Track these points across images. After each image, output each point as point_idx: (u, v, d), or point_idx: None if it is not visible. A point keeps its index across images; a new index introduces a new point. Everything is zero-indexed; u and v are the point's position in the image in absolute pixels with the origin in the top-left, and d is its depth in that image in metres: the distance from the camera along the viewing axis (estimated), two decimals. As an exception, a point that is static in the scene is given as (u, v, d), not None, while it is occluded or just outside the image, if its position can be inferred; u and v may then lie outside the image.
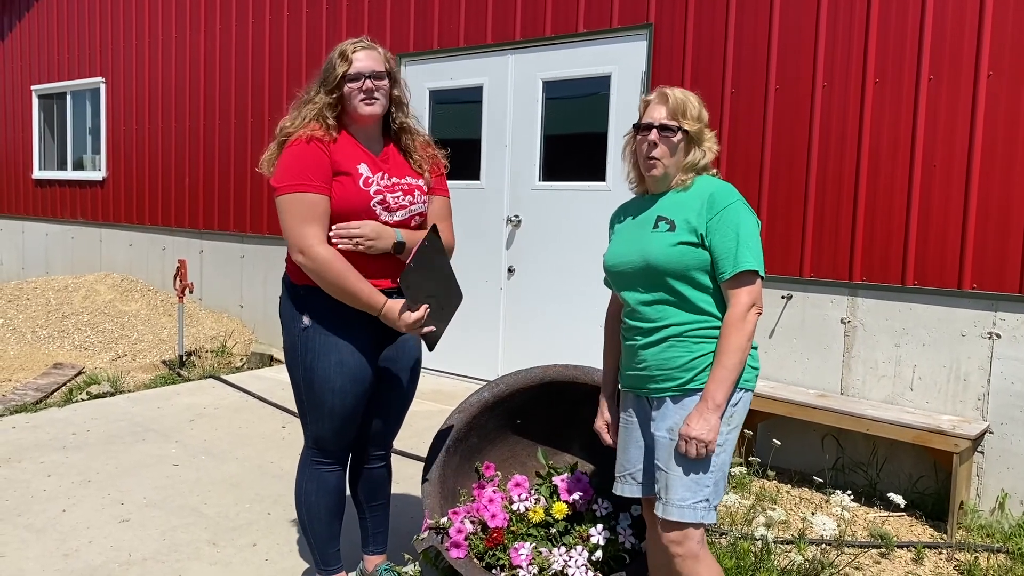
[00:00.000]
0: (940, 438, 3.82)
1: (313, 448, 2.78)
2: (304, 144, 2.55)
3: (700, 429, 2.22)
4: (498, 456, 3.30)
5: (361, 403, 2.75)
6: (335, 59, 2.61)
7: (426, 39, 6.16)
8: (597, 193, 5.36)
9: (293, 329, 2.67)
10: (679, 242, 2.29)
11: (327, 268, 2.49)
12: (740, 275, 2.25)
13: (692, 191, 2.36)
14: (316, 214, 2.50)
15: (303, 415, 2.76)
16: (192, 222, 8.09)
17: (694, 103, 2.36)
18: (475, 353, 6.07)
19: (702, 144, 2.37)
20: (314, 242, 2.49)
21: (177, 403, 5.53)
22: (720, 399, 2.22)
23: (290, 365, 2.72)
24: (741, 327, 2.24)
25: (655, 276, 2.33)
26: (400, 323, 2.57)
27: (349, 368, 2.66)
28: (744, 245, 2.25)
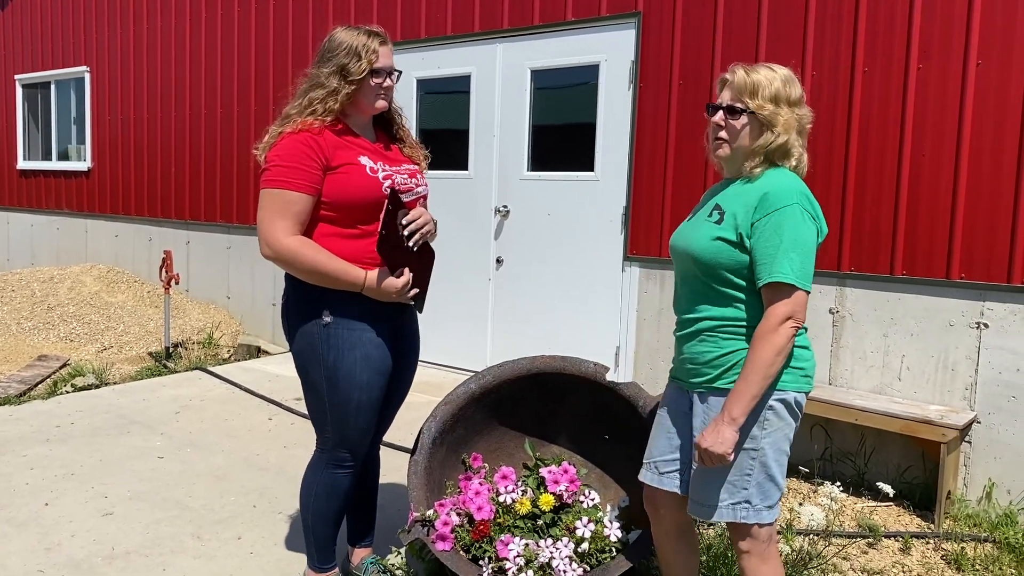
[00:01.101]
0: (928, 428, 3.81)
1: (334, 451, 2.70)
2: (298, 138, 2.51)
3: (710, 441, 2.14)
4: (485, 447, 3.28)
5: (383, 395, 2.71)
6: (359, 49, 2.55)
7: (413, 27, 6.11)
8: (586, 183, 5.33)
9: (310, 328, 2.59)
10: (716, 237, 2.19)
11: (296, 256, 2.46)
12: (778, 286, 2.10)
13: (756, 184, 2.20)
14: (291, 211, 2.47)
15: (321, 417, 2.67)
16: (178, 213, 8.02)
17: (769, 81, 2.17)
18: (463, 344, 6.04)
19: (775, 126, 2.16)
20: (281, 235, 2.46)
21: (163, 395, 5.48)
22: (736, 413, 2.12)
23: (307, 367, 2.64)
24: (770, 339, 2.09)
25: (695, 266, 2.25)
26: (386, 291, 2.54)
27: (374, 361, 2.62)
28: (784, 254, 2.09)
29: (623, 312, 5.19)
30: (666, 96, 4.92)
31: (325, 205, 2.53)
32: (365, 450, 2.76)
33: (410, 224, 2.56)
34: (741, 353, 2.21)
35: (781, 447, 2.24)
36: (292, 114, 2.59)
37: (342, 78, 2.57)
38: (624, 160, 5.13)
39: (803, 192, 2.16)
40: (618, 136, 5.15)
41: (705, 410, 2.27)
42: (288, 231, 2.47)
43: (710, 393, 2.26)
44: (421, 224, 2.58)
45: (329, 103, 2.57)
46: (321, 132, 2.53)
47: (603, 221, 5.26)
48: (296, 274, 2.53)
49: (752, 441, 2.21)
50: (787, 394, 2.21)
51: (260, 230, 2.49)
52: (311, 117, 2.56)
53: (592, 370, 3.13)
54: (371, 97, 2.61)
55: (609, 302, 5.27)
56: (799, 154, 2.24)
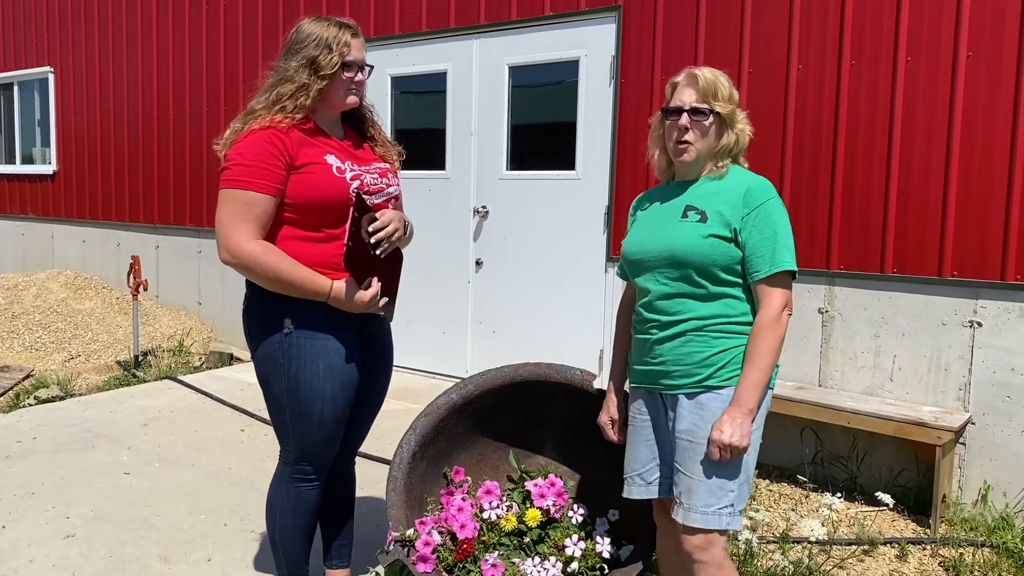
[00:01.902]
0: (922, 430, 3.71)
1: (296, 464, 2.57)
2: (261, 135, 2.35)
3: (733, 434, 2.10)
4: (468, 460, 3.13)
5: (350, 408, 2.57)
6: (329, 41, 2.39)
7: (387, 23, 5.94)
8: (567, 182, 5.19)
9: (270, 337, 2.44)
10: (710, 235, 2.16)
11: (257, 262, 2.30)
12: (776, 275, 2.14)
13: (726, 182, 2.23)
14: (253, 214, 2.31)
15: (282, 429, 2.54)
16: (147, 216, 7.79)
17: (724, 83, 2.23)
18: (443, 349, 5.88)
19: (734, 126, 2.23)
20: (241, 239, 2.30)
21: (131, 406, 5.28)
22: (753, 403, 2.12)
23: (268, 377, 2.49)
24: (775, 328, 2.13)
25: (679, 267, 2.20)
26: (355, 304, 2.39)
27: (339, 372, 2.47)
28: (783, 244, 2.14)
29: (606, 314, 5.05)
30: (648, 92, 4.79)
31: (288, 207, 2.37)
32: (329, 463, 2.62)
33: (377, 232, 2.40)
34: (735, 351, 2.19)
35: (757, 446, 2.23)
36: (258, 109, 2.42)
37: (312, 72, 2.41)
38: (606, 158, 5.00)
39: (772, 185, 2.25)
40: (599, 134, 5.02)
41: (694, 409, 2.21)
42: (249, 235, 2.31)
43: (701, 392, 2.20)
44: (390, 231, 2.43)
45: (300, 99, 2.41)
46: (286, 129, 2.37)
47: (585, 221, 5.12)
48: (257, 281, 2.37)
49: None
50: (769, 391, 2.24)
51: (219, 233, 2.33)
52: (280, 114, 2.40)
53: (579, 377, 2.99)
54: (341, 92, 2.46)
55: (592, 304, 5.13)
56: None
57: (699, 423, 2.17)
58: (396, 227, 2.45)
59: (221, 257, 2.34)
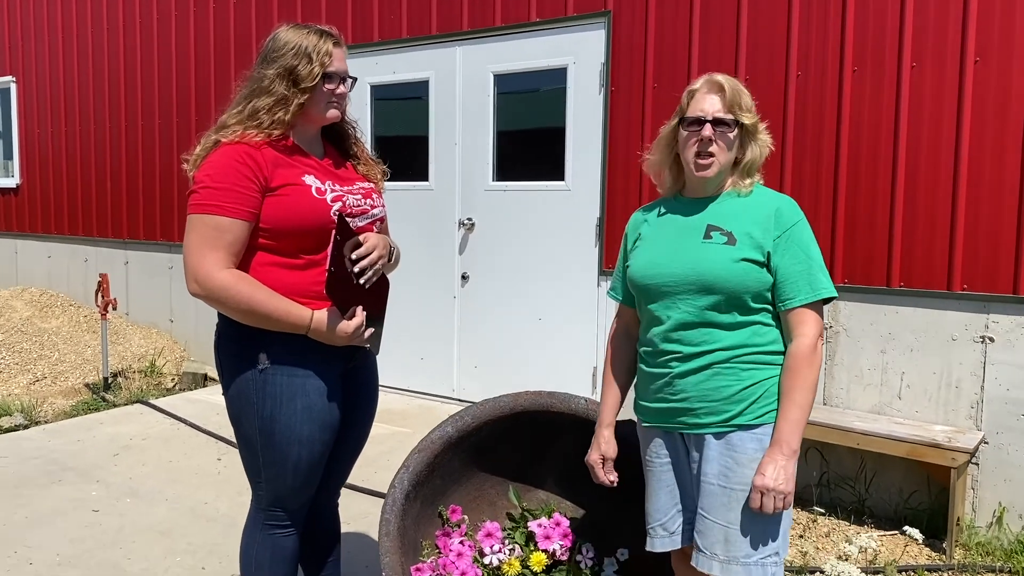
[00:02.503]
0: (936, 452, 3.55)
1: (269, 510, 2.35)
2: (232, 153, 2.13)
3: (777, 479, 1.92)
4: (464, 497, 2.92)
5: (329, 451, 2.35)
6: (309, 50, 2.19)
7: (366, 30, 5.72)
8: (555, 193, 5.00)
9: (244, 373, 2.21)
10: (742, 259, 1.97)
11: (229, 294, 2.08)
12: (815, 304, 1.98)
13: (751, 200, 2.06)
14: (224, 241, 2.09)
15: (254, 472, 2.31)
16: (116, 231, 7.50)
17: (746, 91, 2.06)
18: (428, 367, 5.66)
19: (757, 139, 2.07)
20: (212, 268, 2.07)
21: (100, 434, 5.01)
22: (796, 444, 1.96)
23: (239, 416, 2.26)
24: (813, 361, 1.96)
25: (708, 294, 1.99)
26: (338, 336, 2.17)
27: (318, 413, 2.25)
28: (818, 268, 1.99)
29: (600, 330, 4.86)
30: (640, 100, 4.62)
31: (263, 232, 2.16)
32: (306, 508, 2.40)
33: (361, 258, 2.19)
34: (767, 383, 2.00)
35: (793, 480, 2.04)
36: (231, 124, 2.20)
37: (291, 84, 2.19)
38: (597, 169, 4.81)
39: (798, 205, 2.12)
40: (590, 143, 4.83)
41: (725, 451, 2.00)
42: (220, 264, 2.09)
43: (731, 431, 2.00)
44: (375, 258, 2.22)
45: (278, 114, 2.20)
46: (260, 146, 2.16)
47: (576, 233, 4.93)
48: (230, 314, 2.15)
49: None
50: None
51: (187, 263, 2.11)
52: (255, 129, 2.18)
53: (583, 407, 2.79)
54: (322, 106, 2.25)
55: (585, 319, 4.94)
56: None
57: (732, 466, 1.98)
58: (381, 253, 2.24)
59: (190, 289, 2.11)
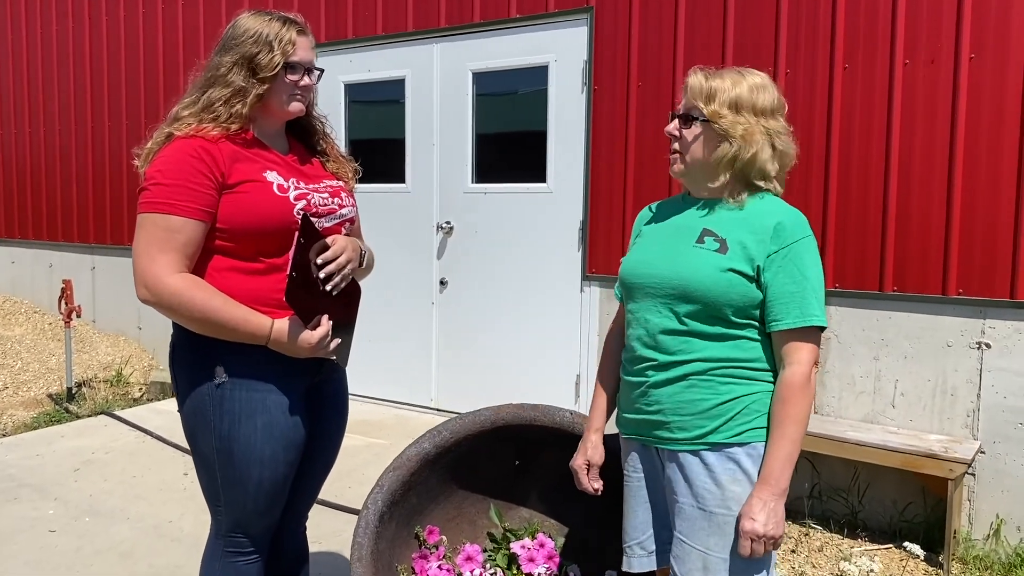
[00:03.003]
0: (932, 462, 3.43)
1: (230, 536, 2.16)
2: (186, 147, 1.96)
3: (767, 524, 1.75)
4: (443, 516, 2.75)
5: (293, 472, 2.18)
6: (271, 38, 2.02)
7: (340, 27, 5.54)
8: (537, 195, 4.84)
9: (199, 387, 2.04)
10: (729, 268, 1.80)
11: (182, 300, 1.90)
12: (805, 330, 1.80)
13: (756, 209, 1.87)
14: (176, 242, 1.92)
15: (213, 495, 2.14)
16: (82, 235, 7.25)
17: (732, 85, 1.85)
18: (405, 376, 5.48)
19: (734, 136, 1.84)
20: (162, 272, 1.90)
21: (61, 448, 4.78)
22: (786, 483, 1.78)
23: (196, 434, 2.09)
24: (806, 391, 1.79)
25: (687, 301, 1.84)
26: (301, 347, 1.99)
27: (281, 430, 2.07)
28: (812, 293, 1.80)
29: (583, 337, 4.71)
30: (623, 99, 4.47)
31: (220, 233, 1.98)
32: (269, 532, 2.22)
33: (327, 263, 2.02)
34: (745, 399, 1.84)
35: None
36: (184, 116, 2.03)
37: (250, 73, 2.02)
38: (579, 170, 4.66)
39: (808, 222, 1.90)
40: (572, 144, 4.68)
41: (700, 470, 1.85)
42: (172, 267, 1.91)
43: (707, 450, 1.84)
44: (343, 262, 2.05)
45: (235, 106, 2.02)
46: (217, 140, 1.98)
47: (558, 237, 4.78)
48: (182, 323, 1.98)
49: None
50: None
51: (135, 267, 1.93)
52: (211, 123, 2.01)
53: (568, 420, 2.63)
54: (284, 98, 2.08)
55: (567, 326, 4.78)
56: (775, 173, 1.91)
57: (710, 487, 1.83)
58: (350, 256, 2.07)
59: (139, 295, 1.93)
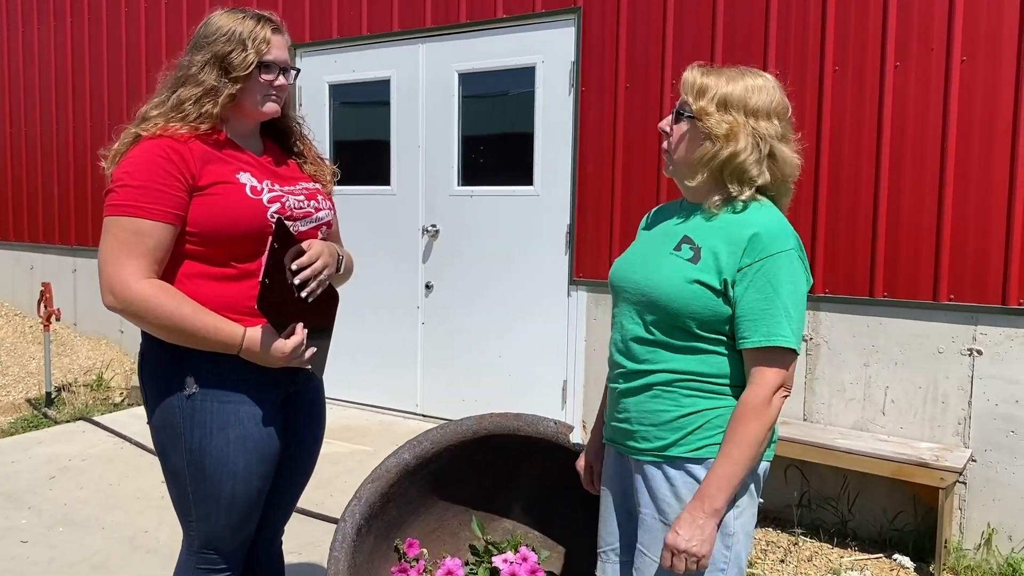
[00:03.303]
0: (923, 471, 3.37)
1: (202, 552, 2.08)
2: (155, 148, 1.89)
3: (691, 540, 1.68)
4: (423, 528, 2.67)
5: (268, 486, 2.10)
6: (244, 37, 1.96)
7: (324, 27, 5.47)
8: (524, 199, 4.78)
9: (169, 398, 1.96)
10: (696, 280, 1.71)
11: (149, 307, 1.82)
12: (771, 350, 1.68)
13: (736, 218, 1.75)
14: (144, 247, 1.84)
15: (184, 510, 2.05)
16: (63, 237, 7.14)
17: (726, 82, 1.74)
18: (389, 381, 5.40)
19: (717, 135, 1.73)
20: (129, 278, 1.82)
21: (37, 455, 4.68)
22: (720, 503, 1.69)
23: (166, 447, 2.01)
24: (763, 414, 1.68)
25: (652, 310, 1.77)
26: (274, 356, 1.92)
27: (255, 443, 2.00)
28: (782, 312, 1.67)
29: (570, 342, 4.64)
30: (611, 101, 4.41)
31: (191, 237, 1.91)
32: (243, 548, 2.14)
33: (303, 268, 1.95)
34: (708, 414, 1.76)
35: (750, 529, 1.82)
36: (153, 116, 1.96)
37: (222, 73, 1.95)
38: (567, 173, 4.59)
39: (797, 236, 1.77)
40: (559, 146, 4.61)
41: (662, 482, 1.80)
42: (139, 273, 1.83)
43: (667, 463, 1.78)
44: (319, 267, 1.97)
45: (206, 106, 1.95)
46: (187, 140, 1.91)
47: (545, 241, 4.71)
48: (151, 331, 1.90)
49: (725, 529, 1.75)
50: (759, 466, 1.81)
51: (102, 272, 1.85)
52: (179, 122, 1.93)
53: (552, 430, 2.56)
54: (258, 98, 2.00)
55: (554, 331, 4.71)
56: (766, 180, 1.77)
57: (671, 500, 1.78)
58: (327, 262, 2.00)
59: (105, 302, 1.85)
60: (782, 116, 1.78)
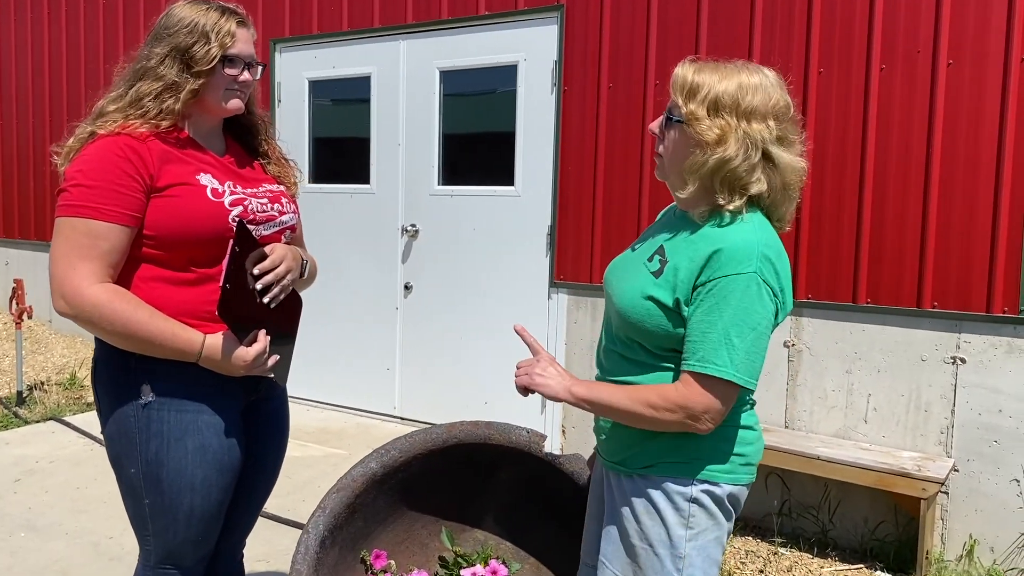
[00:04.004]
0: (905, 481, 3.32)
1: (159, 568, 2.00)
2: (111, 145, 1.80)
3: (537, 374, 1.76)
4: (391, 540, 2.59)
5: (229, 498, 2.02)
6: (207, 29, 1.87)
7: (304, 22, 5.37)
8: (505, 199, 4.70)
9: (124, 407, 1.87)
10: (649, 296, 1.63)
11: (102, 313, 1.74)
12: (704, 377, 1.56)
13: (707, 233, 1.62)
14: (98, 250, 1.76)
15: (141, 524, 1.97)
16: (39, 233, 7.02)
17: (718, 80, 1.58)
18: (368, 383, 5.31)
19: (706, 141, 1.58)
20: (82, 282, 1.74)
21: (4, 456, 4.57)
22: (580, 390, 1.70)
23: (120, 458, 1.92)
24: (661, 413, 1.59)
25: (617, 320, 1.72)
26: (235, 364, 1.83)
27: (215, 454, 1.92)
28: (722, 339, 1.53)
29: (550, 345, 4.57)
30: (594, 100, 4.34)
31: (148, 240, 1.82)
32: (203, 563, 2.06)
33: (265, 273, 1.87)
34: (662, 441, 1.68)
35: (712, 555, 1.70)
36: (110, 111, 1.87)
37: (184, 67, 1.87)
38: (548, 173, 4.52)
39: (766, 256, 1.57)
40: (541, 146, 4.54)
41: (626, 495, 1.74)
42: (93, 277, 1.75)
43: (624, 477, 1.74)
44: (281, 272, 1.89)
45: (167, 102, 1.86)
46: (146, 138, 1.82)
47: (526, 242, 4.63)
48: (104, 337, 1.82)
49: (672, 548, 1.67)
50: (720, 487, 1.68)
51: (53, 276, 1.76)
52: (139, 119, 1.85)
53: (525, 439, 2.49)
54: (221, 94, 1.92)
55: (535, 333, 4.60)
56: (762, 188, 1.61)
57: (628, 515, 1.73)
58: (290, 266, 1.92)
59: (56, 307, 1.77)
60: (781, 117, 1.61)
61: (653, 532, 1.69)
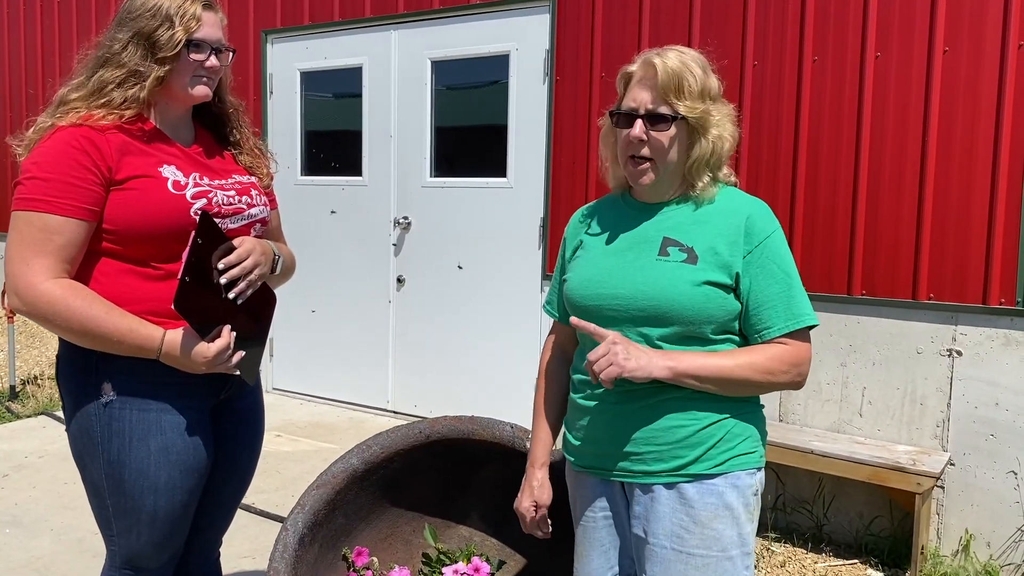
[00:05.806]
0: (900, 476, 3.27)
1: (124, 570, 1.95)
2: (69, 137, 1.75)
3: (630, 359, 1.54)
4: (373, 537, 2.55)
5: (195, 500, 1.97)
6: (171, 13, 1.80)
7: (295, 13, 5.31)
8: (497, 191, 4.64)
9: (86, 406, 1.83)
10: (704, 281, 1.59)
11: (56, 309, 1.68)
12: (795, 333, 1.62)
13: (717, 207, 1.66)
14: (54, 244, 1.70)
15: (105, 525, 1.93)
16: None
17: (694, 72, 1.60)
18: (361, 377, 5.27)
19: (707, 132, 1.63)
20: (37, 278, 1.68)
21: (-7, 451, 4.55)
22: (681, 369, 1.58)
23: (83, 458, 1.88)
24: (775, 372, 1.60)
25: (662, 324, 1.61)
26: (195, 361, 1.77)
27: (178, 455, 1.87)
28: (799, 290, 1.63)
29: (544, 337, 4.52)
30: (586, 90, 4.28)
31: (108, 235, 1.77)
32: (171, 566, 2.02)
33: (229, 268, 1.81)
34: (727, 423, 1.64)
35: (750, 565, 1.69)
36: (72, 100, 1.82)
37: (148, 53, 1.81)
38: (541, 165, 4.46)
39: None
40: (533, 137, 4.48)
41: (677, 506, 1.64)
42: (47, 272, 1.69)
43: (685, 481, 1.64)
44: (248, 266, 1.84)
45: (131, 90, 1.81)
46: (106, 129, 1.77)
47: (519, 234, 4.58)
48: (61, 334, 1.76)
49: (743, 547, 1.64)
50: (762, 471, 1.72)
51: (7, 271, 1.71)
52: (103, 109, 1.79)
53: (509, 434, 2.44)
54: (187, 80, 1.86)
55: (528, 326, 4.59)
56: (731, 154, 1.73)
57: (689, 525, 1.63)
58: (258, 260, 1.86)
59: (11, 303, 1.72)
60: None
61: (726, 536, 1.62)
